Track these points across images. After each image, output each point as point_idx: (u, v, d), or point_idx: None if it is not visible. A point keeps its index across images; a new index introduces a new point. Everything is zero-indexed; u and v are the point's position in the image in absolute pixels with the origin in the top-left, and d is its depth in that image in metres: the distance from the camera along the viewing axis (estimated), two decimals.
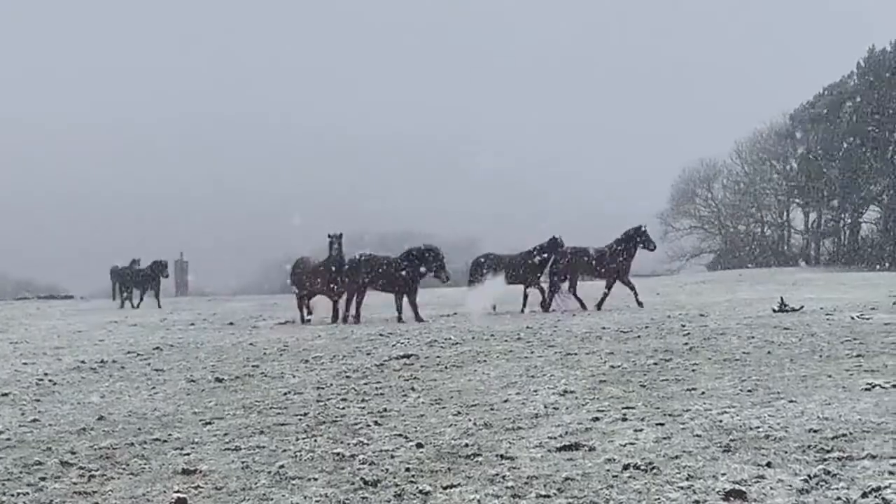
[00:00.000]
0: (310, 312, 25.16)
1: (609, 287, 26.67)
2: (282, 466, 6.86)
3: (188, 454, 7.59)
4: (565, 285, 26.86)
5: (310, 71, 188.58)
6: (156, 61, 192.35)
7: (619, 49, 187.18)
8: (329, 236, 24.91)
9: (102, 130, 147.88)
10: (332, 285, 24.84)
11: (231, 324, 24.95)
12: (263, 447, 7.72)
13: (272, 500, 6.03)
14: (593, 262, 27.07)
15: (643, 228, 27.50)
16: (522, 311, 26.14)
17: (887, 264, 71.85)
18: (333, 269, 24.67)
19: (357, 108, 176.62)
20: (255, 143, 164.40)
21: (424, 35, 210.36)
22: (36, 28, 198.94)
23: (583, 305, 26.07)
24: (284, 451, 7.52)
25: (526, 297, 26.94)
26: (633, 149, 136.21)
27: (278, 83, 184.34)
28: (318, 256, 25.52)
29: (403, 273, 24.41)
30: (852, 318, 17.33)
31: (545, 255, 26.54)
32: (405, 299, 24.47)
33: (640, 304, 25.64)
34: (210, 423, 9.06)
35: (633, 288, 26.49)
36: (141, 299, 41.30)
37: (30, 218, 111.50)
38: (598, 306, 25.84)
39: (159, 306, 38.57)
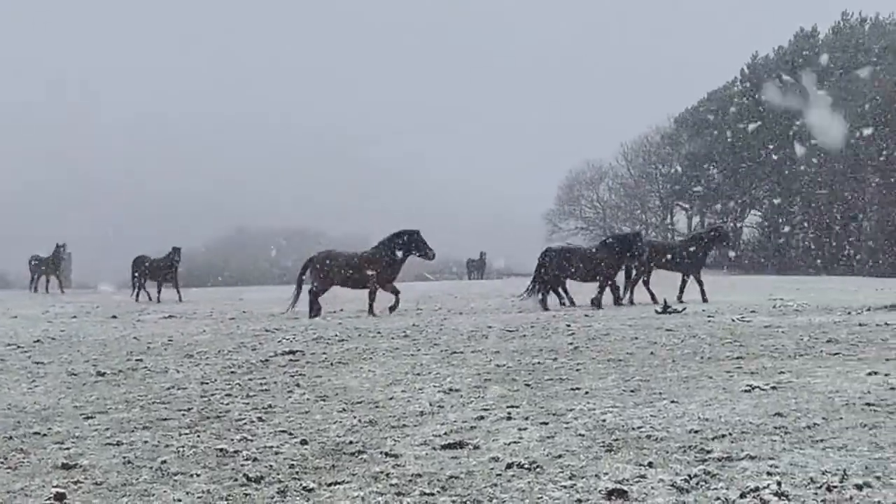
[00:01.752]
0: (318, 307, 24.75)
1: (697, 281, 28.07)
2: (164, 462, 6.79)
3: (68, 448, 7.46)
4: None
5: (310, 71, 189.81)
6: (156, 61, 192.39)
7: (620, 49, 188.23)
8: (400, 233, 24.76)
9: (102, 130, 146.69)
10: (384, 276, 24.71)
11: (114, 317, 24.66)
12: (146, 442, 7.62)
13: (154, 495, 5.96)
14: (669, 257, 28.48)
15: (723, 227, 29.25)
16: (619, 302, 26.73)
17: (768, 267, 73.41)
18: (387, 260, 24.64)
19: (357, 108, 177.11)
20: (255, 143, 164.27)
21: (424, 35, 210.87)
22: (36, 27, 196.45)
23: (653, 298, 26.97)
24: (167, 446, 7.44)
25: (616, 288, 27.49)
26: None
27: (278, 83, 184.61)
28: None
29: (605, 262, 25.66)
30: (733, 320, 17.69)
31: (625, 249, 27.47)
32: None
33: (704, 300, 26.94)
34: (91, 418, 8.93)
35: (701, 283, 27.99)
36: (159, 291, 38.38)
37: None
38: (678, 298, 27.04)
39: (180, 300, 36.49)
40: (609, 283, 25.84)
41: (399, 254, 24.52)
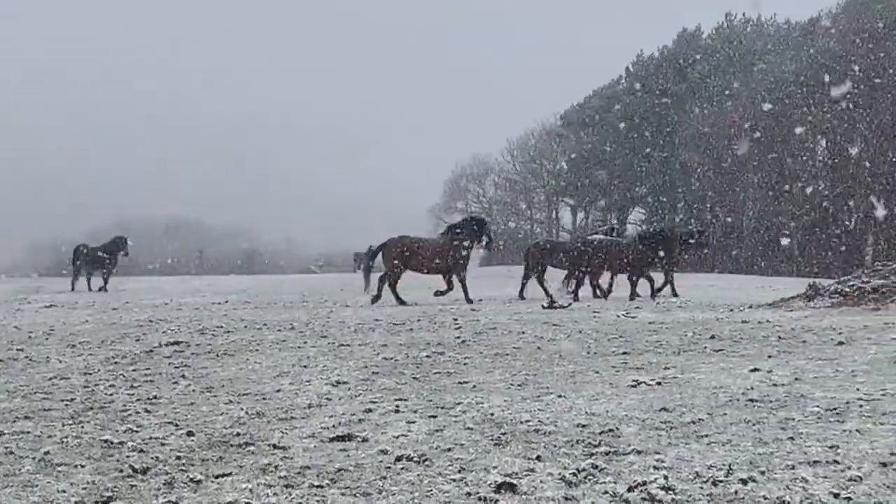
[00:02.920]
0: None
1: (669, 276, 29.54)
2: (47, 453, 6.66)
3: None
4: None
5: (310, 71, 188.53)
6: (156, 61, 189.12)
7: (619, 49, 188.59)
8: (471, 220, 25.50)
9: (102, 129, 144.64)
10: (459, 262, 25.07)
11: None
12: (28, 432, 7.47)
13: (37, 486, 5.84)
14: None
15: (704, 230, 31.23)
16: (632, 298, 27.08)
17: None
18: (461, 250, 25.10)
19: (357, 108, 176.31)
20: (254, 142, 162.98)
21: (424, 35, 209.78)
22: (36, 26, 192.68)
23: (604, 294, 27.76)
24: (50, 437, 7.31)
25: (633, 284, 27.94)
26: None
27: (278, 83, 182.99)
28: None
29: (638, 256, 26.82)
30: (618, 316, 17.93)
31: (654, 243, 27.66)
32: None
33: (675, 294, 28.45)
34: None
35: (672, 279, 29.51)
36: (92, 278, 37.86)
37: None
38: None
39: (105, 289, 35.98)
40: (642, 276, 27.16)
41: (468, 241, 25.01)
